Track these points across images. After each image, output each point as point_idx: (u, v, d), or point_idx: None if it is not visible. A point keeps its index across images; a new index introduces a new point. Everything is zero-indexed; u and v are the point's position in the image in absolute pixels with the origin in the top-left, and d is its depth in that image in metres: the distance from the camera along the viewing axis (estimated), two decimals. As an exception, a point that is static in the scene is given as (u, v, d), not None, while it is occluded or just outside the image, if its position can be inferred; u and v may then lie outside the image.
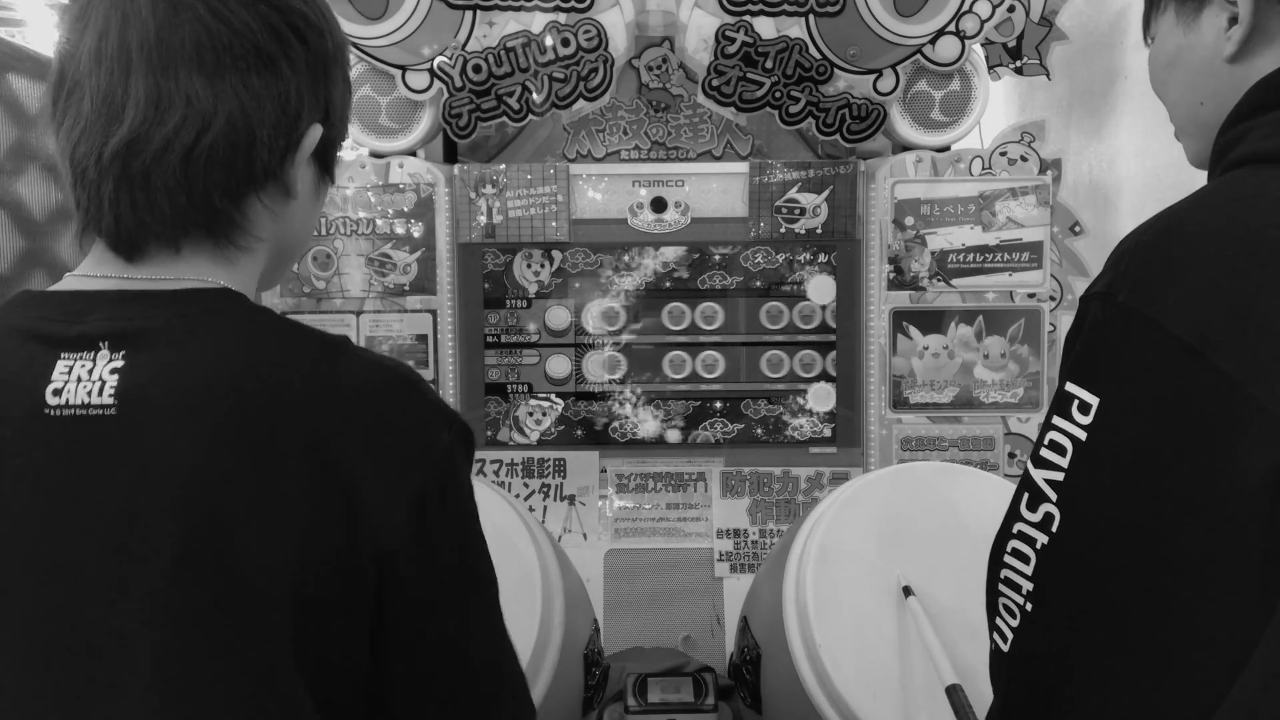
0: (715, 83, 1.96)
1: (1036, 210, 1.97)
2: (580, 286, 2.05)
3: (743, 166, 2.02)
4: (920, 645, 1.20)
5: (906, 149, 2.02)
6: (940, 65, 1.96)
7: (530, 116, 1.96)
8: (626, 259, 2.05)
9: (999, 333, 1.99)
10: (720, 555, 2.05)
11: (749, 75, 1.94)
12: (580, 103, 1.95)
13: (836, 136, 1.99)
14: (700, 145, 2.13)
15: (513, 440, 2.07)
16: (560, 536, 2.04)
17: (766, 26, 1.92)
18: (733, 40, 1.92)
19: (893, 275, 2.00)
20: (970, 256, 1.98)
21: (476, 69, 1.91)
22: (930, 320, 2.00)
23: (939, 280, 1.99)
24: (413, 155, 2.02)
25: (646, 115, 2.12)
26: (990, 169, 2.02)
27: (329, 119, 0.75)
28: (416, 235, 1.99)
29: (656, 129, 2.12)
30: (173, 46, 0.65)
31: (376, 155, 1.99)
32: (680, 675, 1.67)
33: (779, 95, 1.96)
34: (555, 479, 2.08)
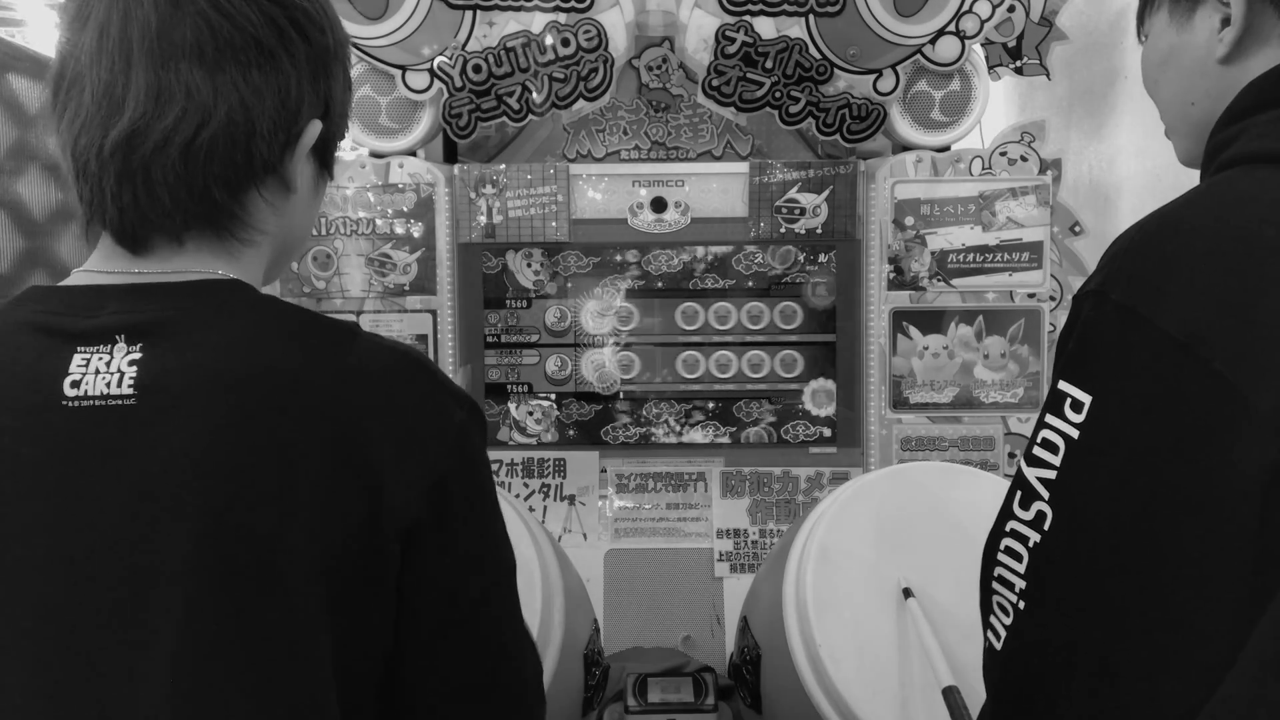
0: (715, 83, 1.96)
1: (1036, 210, 1.97)
2: (580, 286, 2.05)
3: (743, 166, 2.02)
4: (920, 645, 1.20)
5: (906, 149, 2.02)
6: (940, 65, 1.96)
7: (530, 116, 1.96)
8: (626, 259, 2.05)
9: (999, 333, 1.99)
10: (720, 555, 2.05)
11: (749, 75, 1.94)
12: (580, 103, 1.95)
13: (836, 136, 1.99)
14: (700, 145, 2.13)
15: (513, 440, 2.07)
16: (560, 536, 2.04)
17: (766, 26, 1.92)
18: (733, 40, 1.92)
19: (893, 275, 2.00)
20: (970, 256, 1.98)
21: (476, 69, 1.91)
22: (930, 320, 2.00)
23: (939, 280, 1.99)
24: (413, 155, 2.02)
25: (646, 115, 2.12)
26: (990, 169, 2.02)
27: (329, 114, 0.75)
28: (416, 235, 1.99)
29: (656, 129, 2.12)
30: (174, 40, 0.65)
31: (376, 155, 1.99)
32: (680, 675, 1.67)
33: (779, 95, 1.96)
34: (555, 479, 2.08)
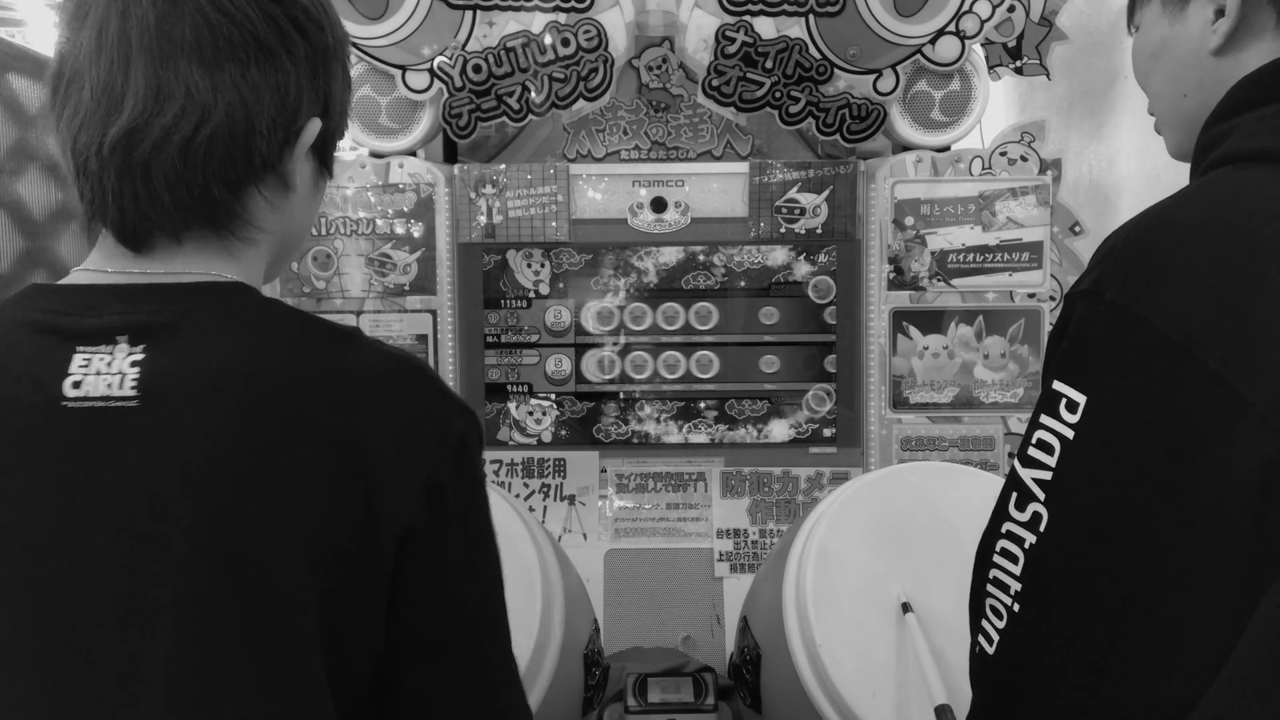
0: (715, 83, 1.96)
1: (1036, 210, 1.97)
2: (580, 286, 2.05)
3: (743, 166, 2.02)
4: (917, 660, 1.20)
5: (906, 149, 2.02)
6: (940, 65, 1.96)
7: (530, 116, 1.96)
8: (626, 259, 2.05)
9: (999, 333, 1.99)
10: (720, 555, 2.05)
11: (749, 75, 1.94)
12: (580, 103, 1.95)
13: (836, 136, 1.99)
14: (700, 145, 2.13)
15: (513, 440, 2.07)
16: (560, 536, 2.04)
17: (766, 26, 1.92)
18: (733, 40, 1.92)
19: (893, 275, 2.00)
20: (970, 256, 1.98)
21: (476, 69, 1.91)
22: (930, 320, 2.00)
23: (939, 280, 1.99)
24: (413, 155, 2.02)
25: (646, 115, 2.12)
26: (990, 169, 2.02)
27: (328, 113, 0.75)
28: (416, 235, 1.99)
29: (656, 129, 2.12)
30: (173, 37, 0.65)
31: (376, 155, 1.99)
32: (680, 675, 1.67)
33: (779, 95, 1.96)
34: (555, 479, 2.08)
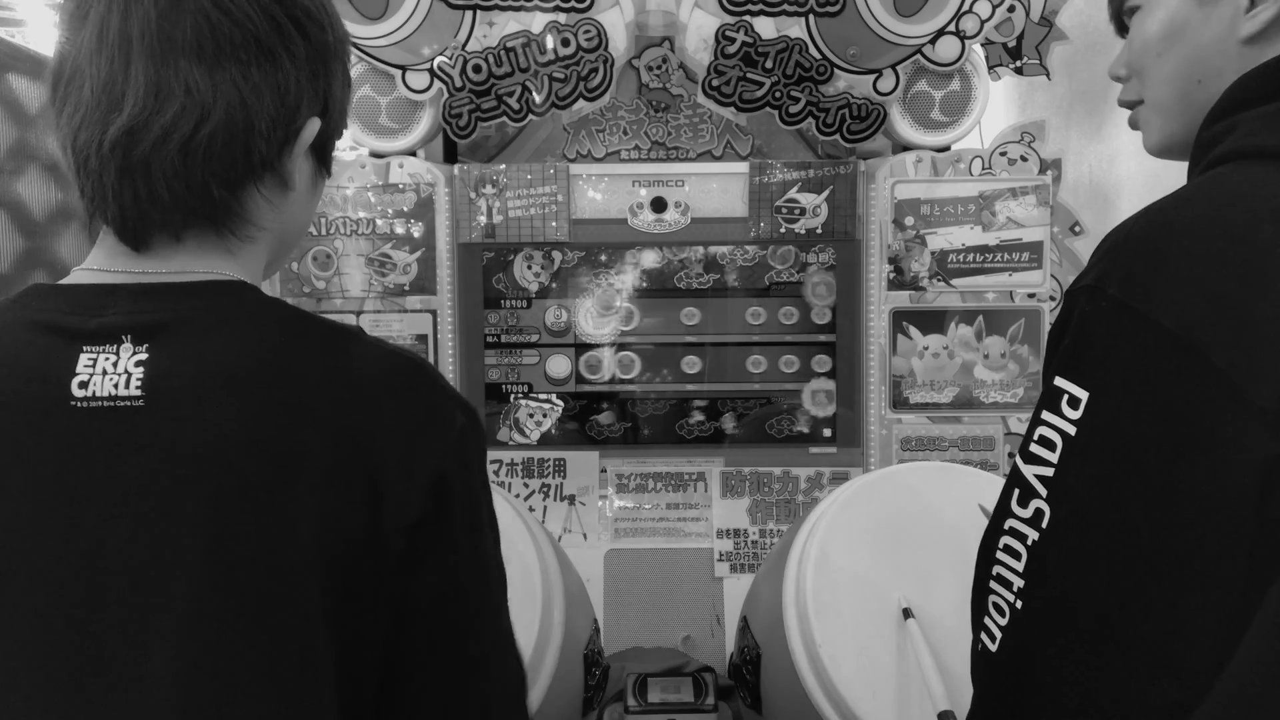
0: (715, 83, 1.96)
1: (1036, 210, 1.97)
2: (580, 286, 2.05)
3: (743, 166, 2.02)
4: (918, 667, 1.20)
5: (906, 149, 2.02)
6: (940, 65, 1.96)
7: (530, 116, 1.96)
8: (626, 259, 2.05)
9: (999, 333, 1.99)
10: (720, 555, 2.05)
11: (749, 75, 1.94)
12: (580, 103, 1.95)
13: (836, 136, 1.99)
14: (700, 145, 2.13)
15: (513, 440, 2.07)
16: (560, 536, 2.04)
17: (766, 26, 1.92)
18: (733, 40, 1.92)
19: (893, 275, 2.00)
20: (970, 256, 1.98)
21: (476, 69, 1.91)
22: (930, 320, 2.00)
23: (939, 280, 1.99)
24: (413, 155, 2.02)
25: (646, 115, 2.12)
26: (990, 169, 2.02)
27: (328, 112, 0.75)
28: (416, 235, 1.99)
29: (656, 129, 2.12)
30: (173, 36, 0.65)
31: (376, 155, 1.99)
32: (680, 675, 1.67)
33: (779, 95, 1.96)
34: (555, 479, 2.08)
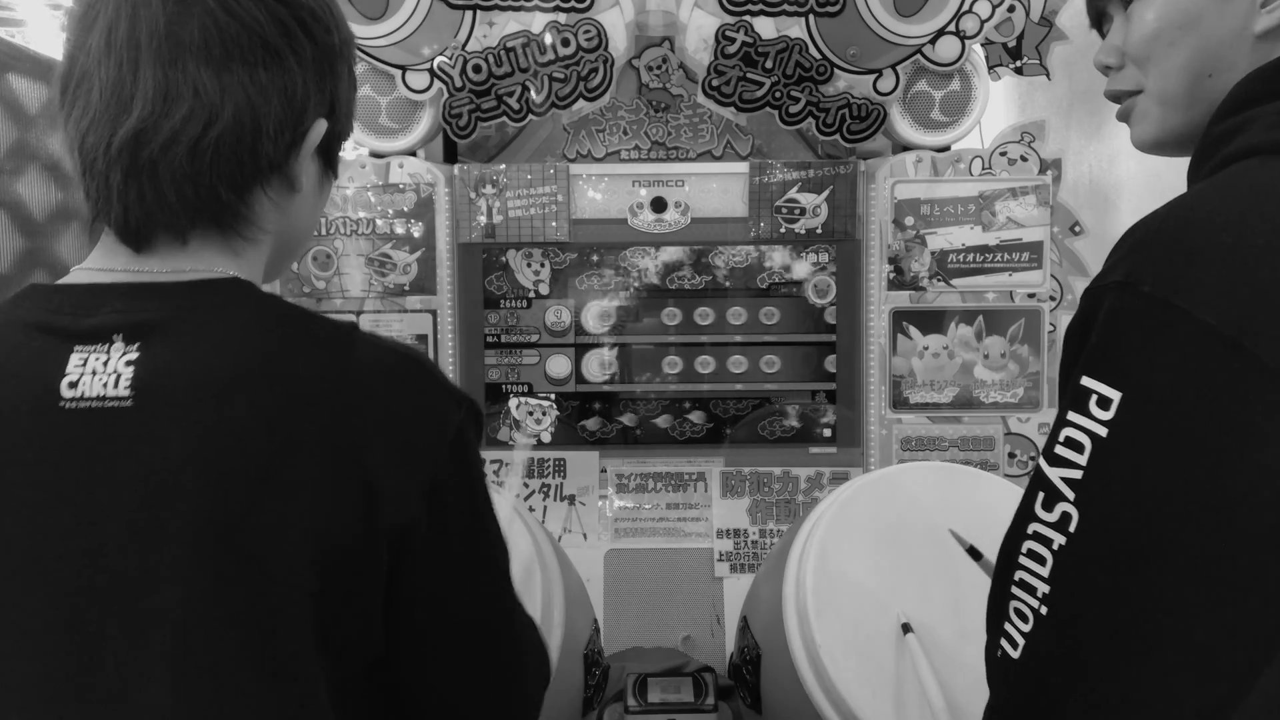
0: (715, 83, 1.96)
1: (1036, 210, 1.97)
2: (580, 286, 2.05)
3: (743, 166, 2.02)
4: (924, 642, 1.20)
5: (906, 149, 2.02)
6: (940, 65, 1.96)
7: (530, 116, 1.96)
8: (626, 259, 2.05)
9: (999, 333, 2.00)
10: (720, 555, 2.05)
11: (749, 75, 1.94)
12: (580, 103, 1.95)
13: (836, 136, 1.99)
14: (700, 145, 2.13)
15: (513, 440, 2.07)
16: (560, 536, 2.04)
17: (766, 26, 1.92)
18: (733, 40, 1.92)
19: (893, 275, 2.00)
20: (970, 256, 1.98)
21: (476, 69, 1.91)
22: (930, 320, 2.00)
23: (939, 280, 1.99)
24: (413, 155, 2.02)
25: (646, 115, 2.12)
26: (990, 169, 2.02)
27: (334, 114, 0.76)
28: (416, 235, 1.99)
29: (656, 129, 2.12)
30: (181, 39, 0.66)
31: (376, 155, 1.99)
32: (680, 675, 1.67)
33: (779, 95, 1.96)
34: (555, 479, 2.08)
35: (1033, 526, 0.70)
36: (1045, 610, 0.68)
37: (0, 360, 0.66)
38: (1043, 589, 0.69)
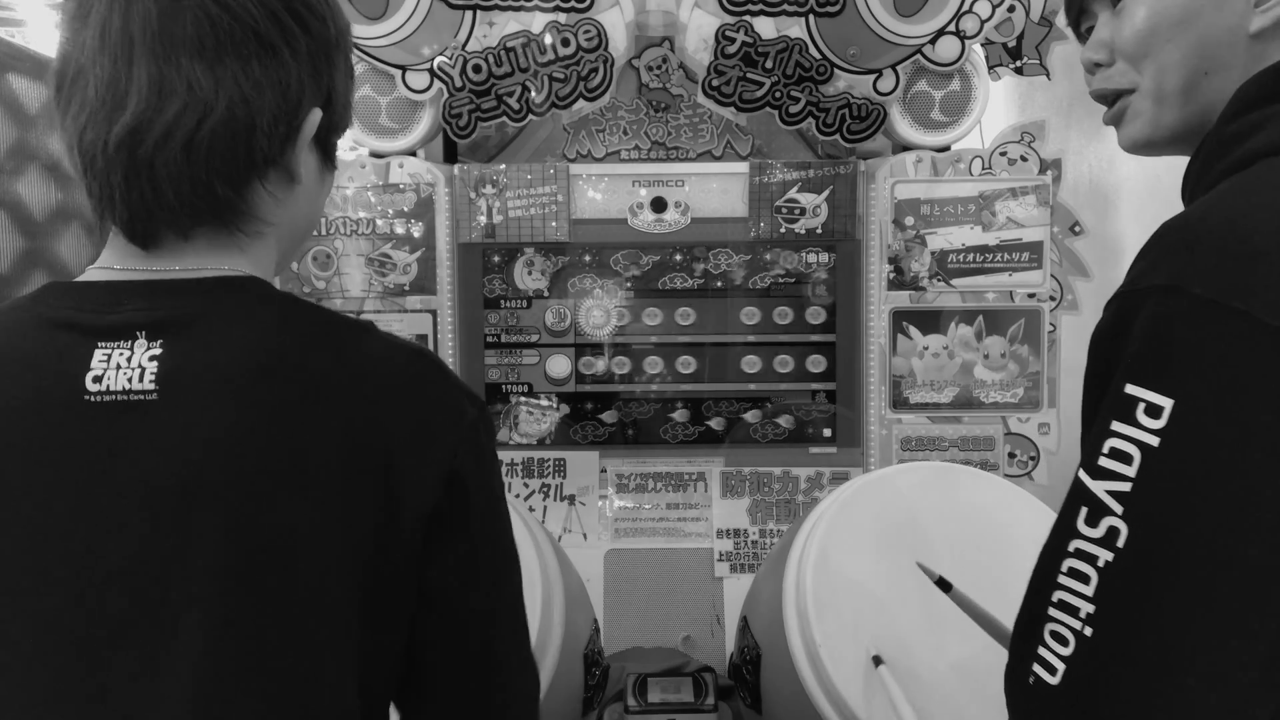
0: (715, 83, 1.96)
1: (1036, 210, 1.97)
2: (580, 286, 2.05)
3: (743, 166, 2.02)
4: (923, 642, 1.20)
5: (906, 149, 2.02)
6: (940, 65, 1.96)
7: (530, 116, 1.96)
8: (626, 259, 2.05)
9: (999, 333, 2.00)
10: (720, 555, 2.05)
11: (749, 75, 1.94)
12: (580, 103, 1.95)
13: (836, 136, 1.99)
14: (700, 145, 2.13)
15: (513, 440, 2.07)
16: (560, 536, 2.04)
17: (766, 26, 1.93)
18: (733, 40, 1.92)
19: (893, 275, 2.00)
20: (970, 256, 1.98)
21: (476, 69, 1.91)
22: (930, 320, 2.00)
23: (939, 280, 1.99)
24: (413, 155, 2.02)
25: (646, 115, 2.12)
26: (990, 169, 2.02)
27: (330, 105, 0.75)
28: (416, 235, 1.99)
29: (656, 129, 2.12)
30: (174, 33, 0.66)
31: (376, 155, 1.99)
32: (680, 675, 1.67)
33: (779, 95, 1.96)
34: (555, 479, 2.08)
35: (1074, 543, 0.66)
36: (1090, 631, 0.64)
37: (25, 355, 0.66)
38: (1087, 609, 0.64)
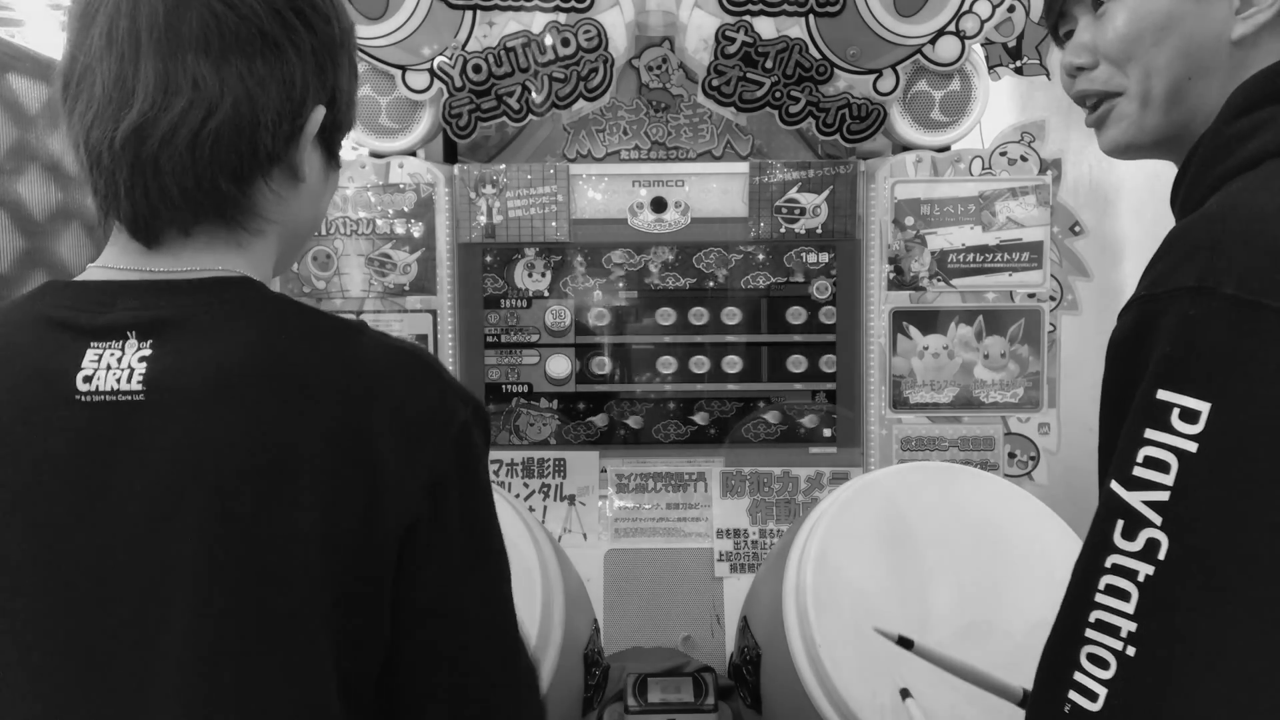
0: (715, 83, 1.96)
1: (1036, 210, 1.97)
2: (580, 286, 2.05)
3: (743, 166, 2.02)
4: (924, 642, 1.20)
5: (906, 149, 2.02)
6: (940, 65, 1.96)
7: (530, 116, 1.96)
8: (626, 259, 2.05)
9: (999, 333, 1.99)
10: (720, 555, 2.05)
11: (749, 75, 1.94)
12: (580, 103, 1.95)
13: (836, 136, 1.99)
14: (700, 145, 2.13)
15: (513, 440, 2.07)
16: (560, 536, 2.04)
17: (766, 26, 1.92)
18: (733, 40, 1.92)
19: (893, 275, 2.00)
20: (970, 256, 1.98)
21: (476, 69, 1.91)
22: (930, 320, 2.00)
23: (939, 280, 1.99)
24: (413, 155, 2.02)
25: (646, 115, 2.12)
26: (990, 169, 2.02)
27: (334, 103, 0.76)
28: (416, 235, 1.99)
29: (656, 129, 2.12)
30: (180, 32, 0.66)
31: (376, 155, 1.99)
32: (680, 675, 1.67)
33: (779, 95, 1.96)
34: (555, 479, 2.08)
35: (1111, 559, 0.63)
36: (1133, 651, 0.61)
37: (21, 352, 0.67)
38: (1128, 627, 0.62)
